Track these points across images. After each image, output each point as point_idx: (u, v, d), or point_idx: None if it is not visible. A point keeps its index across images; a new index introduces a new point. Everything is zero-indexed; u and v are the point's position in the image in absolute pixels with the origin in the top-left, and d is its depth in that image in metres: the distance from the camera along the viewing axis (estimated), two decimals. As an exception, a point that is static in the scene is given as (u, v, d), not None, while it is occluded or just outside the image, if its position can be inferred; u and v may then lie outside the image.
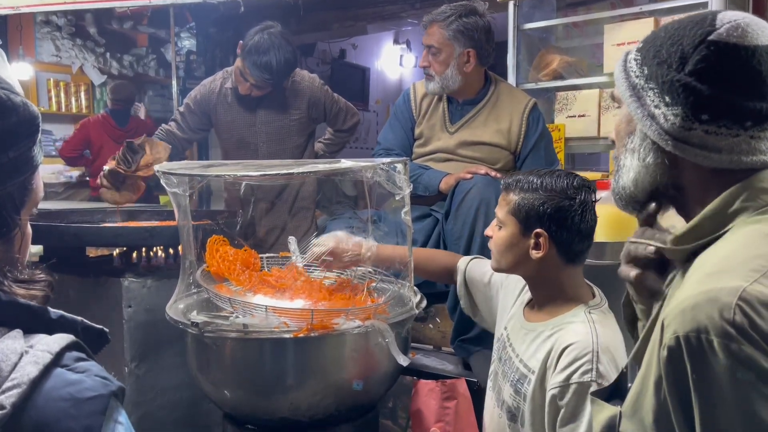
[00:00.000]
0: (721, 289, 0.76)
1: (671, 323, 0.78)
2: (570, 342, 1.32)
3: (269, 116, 2.73)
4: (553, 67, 3.06)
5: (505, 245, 1.44)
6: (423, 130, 2.39)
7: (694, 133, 0.86)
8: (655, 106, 0.89)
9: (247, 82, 2.61)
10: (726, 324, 0.73)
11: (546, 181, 1.41)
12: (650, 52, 0.91)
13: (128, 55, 5.83)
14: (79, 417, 0.70)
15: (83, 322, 0.82)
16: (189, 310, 1.73)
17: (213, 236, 1.78)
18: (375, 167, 1.56)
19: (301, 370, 1.54)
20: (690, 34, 0.87)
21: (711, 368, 0.74)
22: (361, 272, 1.92)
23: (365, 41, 6.29)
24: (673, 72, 0.87)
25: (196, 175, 1.53)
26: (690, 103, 0.86)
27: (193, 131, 2.87)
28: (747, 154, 0.86)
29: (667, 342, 0.77)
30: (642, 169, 0.93)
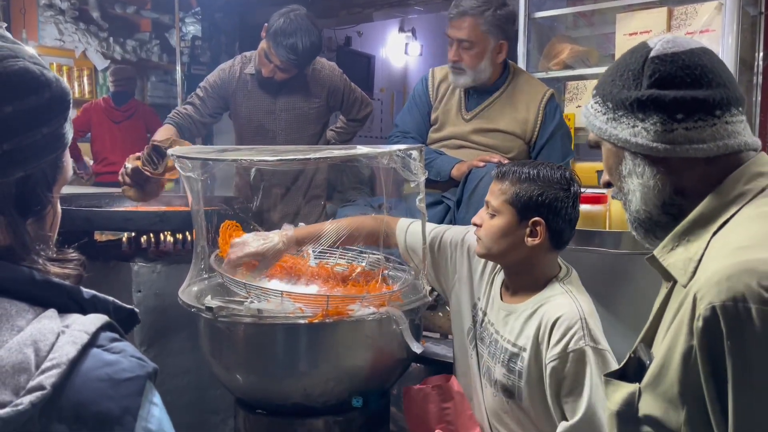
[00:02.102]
0: (757, 259, 0.80)
1: (705, 295, 0.81)
2: (558, 315, 1.40)
3: (290, 103, 2.72)
4: (563, 57, 3.04)
5: (500, 233, 1.49)
6: (438, 115, 2.39)
7: (677, 133, 0.94)
8: (632, 126, 0.96)
9: (272, 63, 2.58)
10: (764, 291, 0.76)
11: (543, 172, 1.47)
12: (606, 89, 1.00)
13: (131, 40, 5.79)
14: (117, 398, 0.69)
15: (115, 303, 0.82)
16: (202, 295, 1.73)
17: (226, 221, 1.77)
18: (391, 153, 1.55)
19: (316, 356, 1.54)
20: (632, 60, 0.97)
21: (748, 334, 0.77)
22: (374, 259, 1.92)
23: (370, 29, 6.25)
24: (633, 92, 0.96)
25: (211, 160, 1.52)
26: (662, 109, 0.94)
27: (210, 116, 2.83)
28: (729, 138, 0.93)
29: (702, 312, 0.80)
30: (644, 186, 0.99)
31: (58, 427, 0.66)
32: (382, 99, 6.48)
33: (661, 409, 0.88)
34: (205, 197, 1.82)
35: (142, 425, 0.71)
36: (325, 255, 1.93)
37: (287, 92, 2.70)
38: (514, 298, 1.55)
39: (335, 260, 1.91)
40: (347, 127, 2.93)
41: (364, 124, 2.99)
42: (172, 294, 1.82)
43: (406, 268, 1.83)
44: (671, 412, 0.87)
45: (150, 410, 0.72)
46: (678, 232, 0.96)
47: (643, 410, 0.92)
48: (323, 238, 1.74)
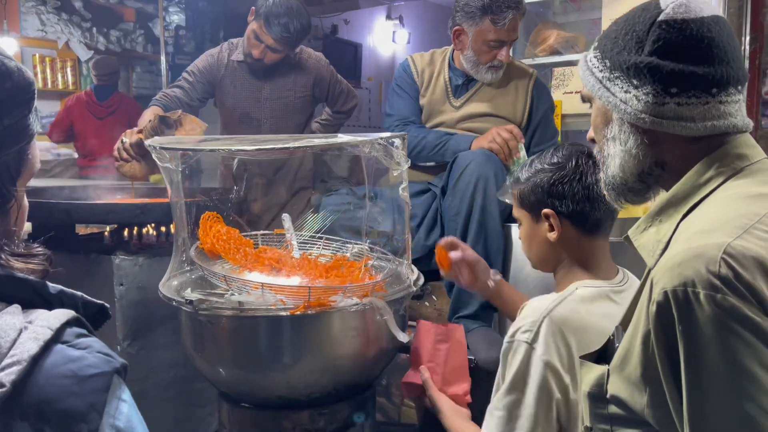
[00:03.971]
0: (707, 244, 0.81)
1: (660, 280, 0.83)
2: (528, 304, 1.34)
3: (276, 91, 2.69)
4: (549, 43, 3.01)
5: (527, 240, 1.45)
6: (425, 104, 2.36)
7: (668, 107, 0.92)
8: (625, 91, 0.94)
9: (262, 44, 2.56)
10: (712, 276, 0.78)
11: (536, 164, 1.43)
12: (608, 46, 0.97)
13: (115, 30, 5.71)
14: (81, 394, 0.68)
15: (83, 297, 0.80)
16: (183, 288, 1.71)
17: (206, 213, 1.74)
18: (372, 142, 1.52)
19: (298, 348, 1.52)
20: (640, 20, 0.94)
21: (697, 319, 0.78)
22: (357, 250, 1.90)
23: (357, 16, 6.20)
24: (634, 56, 0.93)
25: (191, 150, 1.49)
26: (657, 80, 0.92)
27: (198, 100, 2.80)
28: (719, 119, 0.92)
29: (656, 297, 0.82)
30: (625, 154, 0.98)
31: (21, 425, 0.65)
32: (370, 88, 6.44)
33: (627, 391, 0.90)
34: (186, 188, 1.79)
35: (110, 422, 0.69)
36: (308, 246, 1.92)
37: (274, 80, 2.68)
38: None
39: (319, 251, 1.88)
40: (332, 119, 2.90)
41: (349, 117, 2.97)
42: (155, 287, 1.79)
43: (391, 258, 1.81)
44: (636, 394, 0.88)
45: (118, 407, 0.71)
46: (652, 212, 0.96)
47: (610, 391, 0.93)
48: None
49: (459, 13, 2.27)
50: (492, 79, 2.28)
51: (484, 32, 2.21)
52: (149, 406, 2.16)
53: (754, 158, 0.92)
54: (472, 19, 2.22)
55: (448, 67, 2.38)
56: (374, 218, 2.09)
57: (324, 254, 1.87)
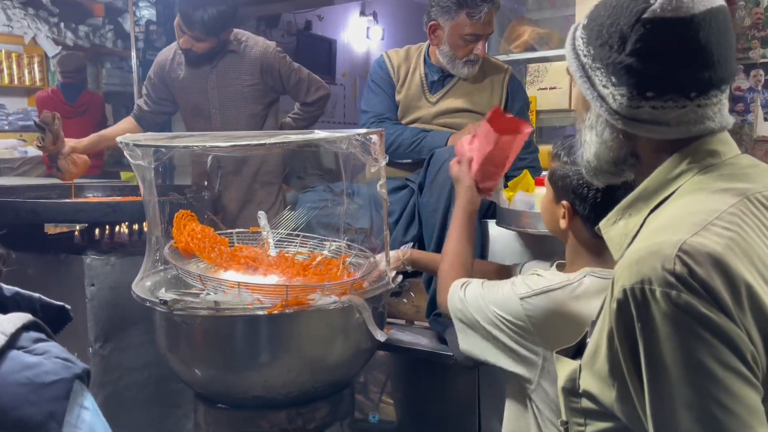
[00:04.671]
0: (663, 242, 0.80)
1: (619, 278, 0.83)
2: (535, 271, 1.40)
3: (221, 81, 2.65)
4: (524, 39, 3.02)
5: (543, 206, 1.47)
6: (401, 100, 2.35)
7: (643, 111, 0.90)
8: (603, 86, 0.92)
9: (184, 33, 2.54)
10: (667, 274, 0.77)
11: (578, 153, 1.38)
12: (593, 32, 0.94)
13: (84, 26, 5.59)
14: (39, 403, 0.64)
15: (41, 299, 0.76)
16: (156, 288, 1.67)
17: (180, 211, 1.71)
18: (350, 138, 1.51)
19: (276, 347, 1.50)
20: (626, 12, 0.89)
21: (654, 316, 0.78)
22: (334, 247, 1.88)
23: (331, 12, 6.15)
24: (614, 53, 0.90)
25: (161, 146, 1.46)
26: (634, 83, 0.89)
27: (159, 103, 2.78)
28: (695, 123, 0.90)
29: (616, 295, 0.82)
30: (601, 145, 0.97)
31: None
32: (345, 84, 6.40)
33: (596, 386, 0.90)
34: (158, 186, 1.75)
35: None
36: (285, 243, 1.89)
37: (218, 70, 2.64)
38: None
39: (296, 248, 1.86)
40: (302, 113, 2.84)
41: (322, 110, 2.87)
42: (127, 287, 1.75)
43: (369, 255, 1.79)
44: (605, 390, 0.89)
45: (80, 415, 0.67)
46: (623, 205, 0.96)
47: (582, 386, 0.94)
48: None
49: (434, 8, 2.26)
50: (468, 74, 2.28)
51: (460, 26, 2.20)
52: (123, 408, 2.13)
53: (726, 155, 0.91)
54: (447, 13, 2.22)
55: (424, 62, 2.37)
56: (351, 215, 2.08)
57: (301, 252, 1.85)
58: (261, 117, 2.74)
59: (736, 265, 0.78)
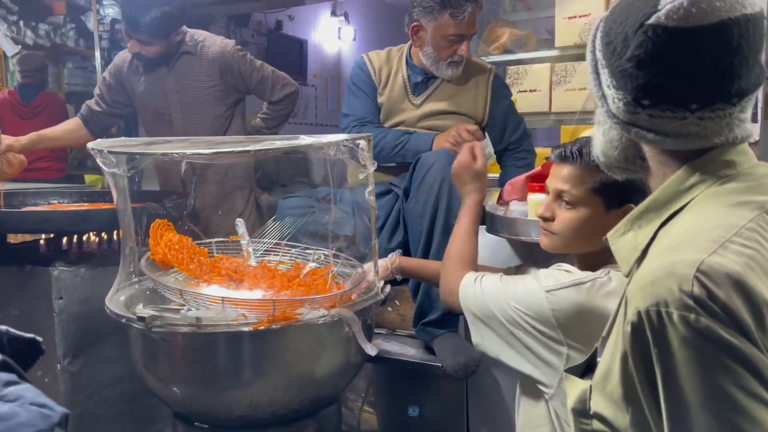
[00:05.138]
0: (680, 261, 0.76)
1: (633, 299, 0.78)
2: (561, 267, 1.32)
3: (180, 84, 2.55)
4: (503, 41, 2.99)
5: (584, 226, 1.30)
6: (384, 102, 2.29)
7: (639, 117, 0.86)
8: (607, 86, 0.89)
9: (131, 38, 2.45)
10: (685, 296, 0.74)
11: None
12: (604, 31, 0.90)
13: (44, 24, 5.39)
14: None
15: (9, 332, 0.67)
16: (132, 303, 1.58)
17: (157, 221, 1.62)
18: (338, 144, 1.44)
19: (262, 364, 1.43)
20: (634, 14, 0.84)
21: (671, 341, 0.75)
22: (318, 256, 1.81)
23: (302, 12, 6.06)
24: (616, 56, 0.87)
25: (138, 153, 1.37)
26: (630, 89, 0.85)
27: (113, 106, 2.68)
28: (697, 137, 0.85)
29: (630, 317, 0.78)
30: (606, 144, 0.94)
31: None
32: (316, 85, 6.31)
33: (609, 409, 0.86)
34: (132, 194, 1.66)
35: None
36: (266, 253, 1.82)
37: (175, 72, 2.55)
38: None
39: (278, 258, 1.79)
40: (270, 112, 2.75)
41: (291, 107, 2.76)
42: (98, 299, 1.66)
43: (355, 264, 1.73)
44: (618, 413, 0.85)
45: None
46: (632, 216, 0.91)
47: (593, 408, 0.90)
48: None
49: (416, 8, 2.21)
50: (452, 75, 2.23)
51: (443, 27, 2.15)
52: (95, 427, 2.03)
53: (742, 165, 0.86)
54: (430, 14, 2.17)
55: (406, 64, 2.32)
56: (335, 222, 2.01)
57: (283, 262, 1.78)
58: (225, 118, 2.65)
59: (756, 286, 0.74)
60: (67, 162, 4.78)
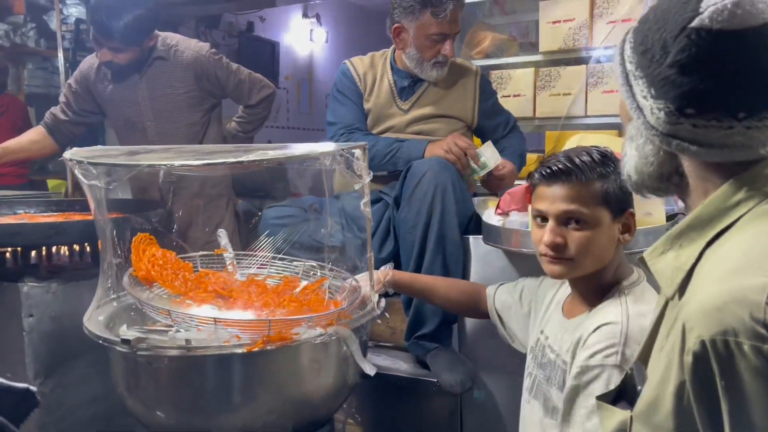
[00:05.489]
0: (748, 287, 0.71)
1: (695, 326, 0.73)
2: (600, 323, 1.20)
3: (153, 91, 2.44)
4: (485, 45, 2.96)
5: (603, 245, 1.24)
6: (371, 108, 2.23)
7: (682, 128, 0.81)
8: (643, 97, 0.84)
9: (101, 46, 2.33)
10: (757, 325, 0.69)
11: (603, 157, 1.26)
12: (638, 38, 0.85)
13: (3, 24, 5.19)
14: None
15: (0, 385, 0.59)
16: (112, 322, 1.49)
17: (139, 235, 1.52)
18: (334, 153, 1.37)
19: (256, 387, 1.34)
20: (673, 20, 0.81)
21: (741, 373, 0.69)
22: (308, 268, 1.73)
23: (273, 14, 5.95)
24: (655, 63, 0.82)
25: (122, 165, 1.28)
26: (673, 97, 0.80)
27: (80, 114, 2.56)
28: (743, 148, 0.80)
29: (692, 347, 0.72)
30: (641, 159, 0.89)
31: None
32: (288, 87, 6.21)
33: None
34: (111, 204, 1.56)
35: None
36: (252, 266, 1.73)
37: (147, 79, 2.44)
38: (577, 309, 1.33)
39: (266, 272, 1.71)
40: (246, 116, 2.66)
41: (268, 110, 2.66)
42: (71, 316, 1.56)
43: (348, 277, 1.66)
44: None
45: None
46: (672, 234, 0.86)
47: None
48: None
49: (397, 9, 2.15)
50: (437, 76, 2.18)
51: (425, 26, 2.11)
52: (70, 453, 1.92)
53: None
54: (411, 14, 2.12)
55: (391, 69, 2.26)
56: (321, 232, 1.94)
57: (271, 275, 1.70)
58: (201, 125, 2.55)
59: None
60: (29, 167, 4.59)
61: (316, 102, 6.58)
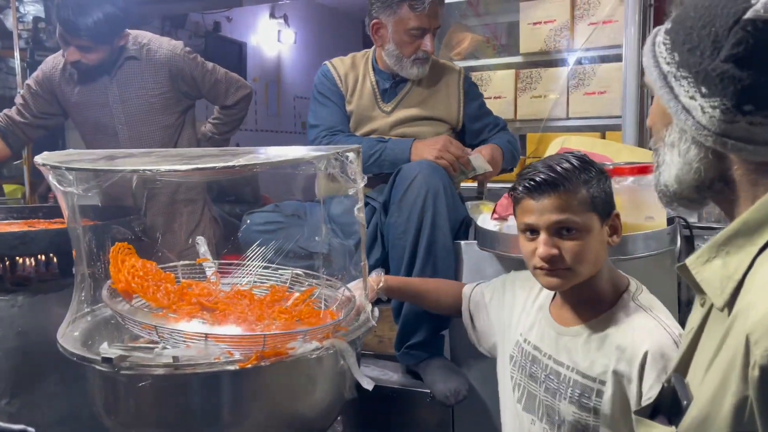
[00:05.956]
0: None
1: (761, 339, 0.69)
2: (648, 347, 1.15)
3: (125, 93, 2.33)
4: (464, 46, 2.92)
5: (596, 250, 1.22)
6: (353, 110, 2.16)
7: (738, 126, 0.77)
8: (690, 97, 0.80)
9: (69, 45, 2.21)
10: None
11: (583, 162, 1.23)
12: (680, 36, 0.81)
13: (-45, 22, 4.95)
14: None
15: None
16: (90, 339, 1.39)
17: (117, 244, 1.43)
18: (329, 157, 1.30)
19: (248, 406, 1.27)
20: (722, 13, 0.77)
21: None
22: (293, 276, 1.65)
23: (240, 14, 5.82)
24: (707, 59, 0.78)
25: (103, 170, 1.18)
26: (730, 93, 0.76)
27: (40, 117, 2.44)
28: None
29: (759, 360, 0.69)
30: (684, 166, 0.84)
31: None
32: (256, 89, 6.06)
33: None
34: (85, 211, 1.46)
35: None
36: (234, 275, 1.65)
37: (119, 81, 2.33)
38: (573, 317, 1.28)
39: (252, 281, 1.63)
40: (223, 117, 2.56)
41: (245, 111, 2.58)
42: (39, 331, 1.46)
43: (336, 284, 1.59)
44: None
45: None
46: (717, 241, 0.82)
47: None
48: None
49: (375, 5, 2.10)
50: (418, 74, 2.12)
51: (403, 21, 2.05)
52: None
53: None
54: (389, 8, 2.07)
55: (373, 70, 2.20)
56: (307, 239, 1.87)
57: (257, 285, 1.62)
58: (176, 128, 2.45)
59: None
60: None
61: (284, 104, 6.47)
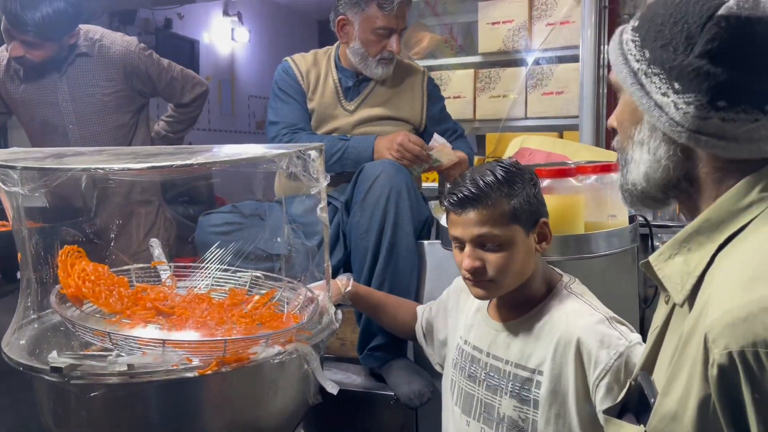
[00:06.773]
0: None
1: (719, 338, 0.69)
2: (581, 329, 1.18)
3: (75, 91, 2.23)
4: (423, 45, 2.91)
5: (519, 261, 1.23)
6: (315, 108, 2.12)
7: (711, 122, 0.77)
8: (662, 93, 0.80)
9: (14, 39, 2.11)
10: None
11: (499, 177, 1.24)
12: (650, 33, 0.81)
13: None
14: None
15: None
16: (36, 346, 1.32)
17: (66, 247, 1.36)
18: (290, 155, 1.26)
19: (209, 414, 1.22)
20: (695, 9, 0.78)
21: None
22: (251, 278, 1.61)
23: (192, 11, 5.67)
24: (680, 55, 0.78)
25: (50, 169, 1.11)
26: (705, 89, 0.77)
27: None
28: (767, 141, 0.77)
29: (718, 359, 0.68)
30: (654, 164, 0.84)
31: None
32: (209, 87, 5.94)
33: None
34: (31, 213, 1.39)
35: None
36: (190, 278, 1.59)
37: (69, 78, 2.23)
38: (509, 313, 1.30)
39: (209, 284, 1.57)
40: (177, 115, 2.49)
41: (200, 109, 2.52)
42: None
43: (300, 287, 1.55)
44: None
45: None
46: (679, 238, 0.82)
47: None
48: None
49: (342, 1, 2.07)
50: (383, 74, 2.10)
51: (371, 19, 2.03)
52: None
53: None
54: (357, 5, 2.05)
55: (336, 67, 2.16)
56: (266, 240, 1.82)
57: (215, 288, 1.56)
58: (130, 127, 2.36)
59: None
60: None
61: (238, 103, 6.35)
